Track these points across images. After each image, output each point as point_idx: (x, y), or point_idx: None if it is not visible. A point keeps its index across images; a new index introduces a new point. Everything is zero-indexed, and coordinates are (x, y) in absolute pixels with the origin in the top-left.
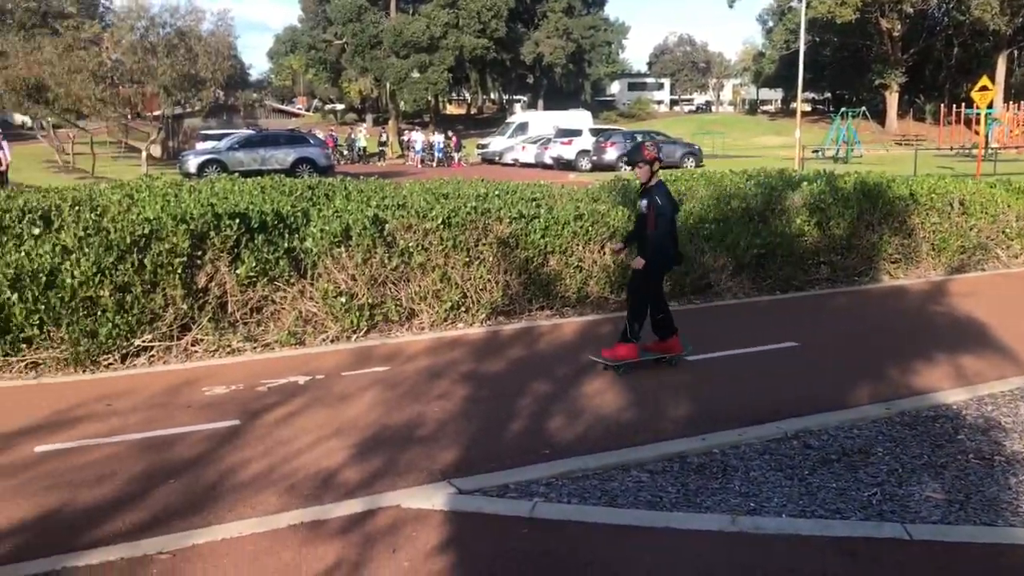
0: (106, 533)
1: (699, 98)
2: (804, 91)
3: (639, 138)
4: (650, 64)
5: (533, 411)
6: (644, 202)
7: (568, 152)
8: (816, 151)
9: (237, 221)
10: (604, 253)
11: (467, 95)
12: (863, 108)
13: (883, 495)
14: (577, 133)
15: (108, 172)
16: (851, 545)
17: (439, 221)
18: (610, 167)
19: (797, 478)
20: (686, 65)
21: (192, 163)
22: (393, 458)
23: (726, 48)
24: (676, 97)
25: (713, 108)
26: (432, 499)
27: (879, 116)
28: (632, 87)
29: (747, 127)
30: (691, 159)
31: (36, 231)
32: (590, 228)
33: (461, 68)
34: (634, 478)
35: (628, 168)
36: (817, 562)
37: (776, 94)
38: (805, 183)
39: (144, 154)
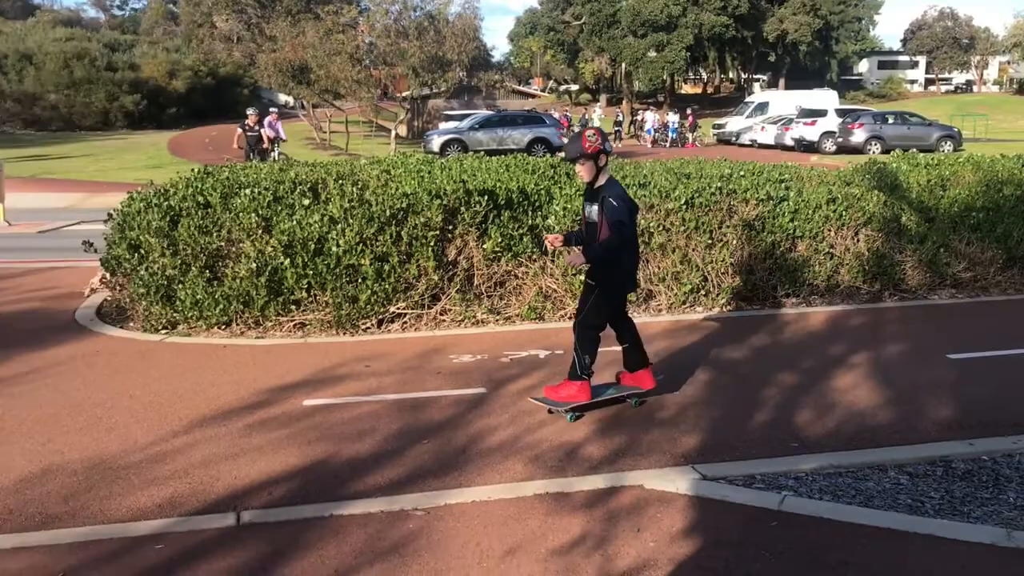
0: (367, 486)
1: (958, 77)
2: None
3: (890, 119)
4: (904, 41)
5: (778, 401)
6: (593, 208)
7: (811, 133)
8: None
9: (486, 198)
10: (858, 240)
11: (703, 74)
12: None
13: None
14: (822, 113)
15: (359, 149)
16: None
17: (682, 201)
18: (857, 149)
19: None
20: (946, 41)
21: (436, 142)
22: (635, 437)
23: (993, 22)
24: (932, 76)
25: (974, 88)
26: (676, 482)
27: None
28: (882, 65)
29: (1014, 108)
30: (949, 143)
31: (306, 202)
32: (843, 212)
33: (699, 46)
34: (892, 479)
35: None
36: None
37: None
38: None
39: (393, 133)
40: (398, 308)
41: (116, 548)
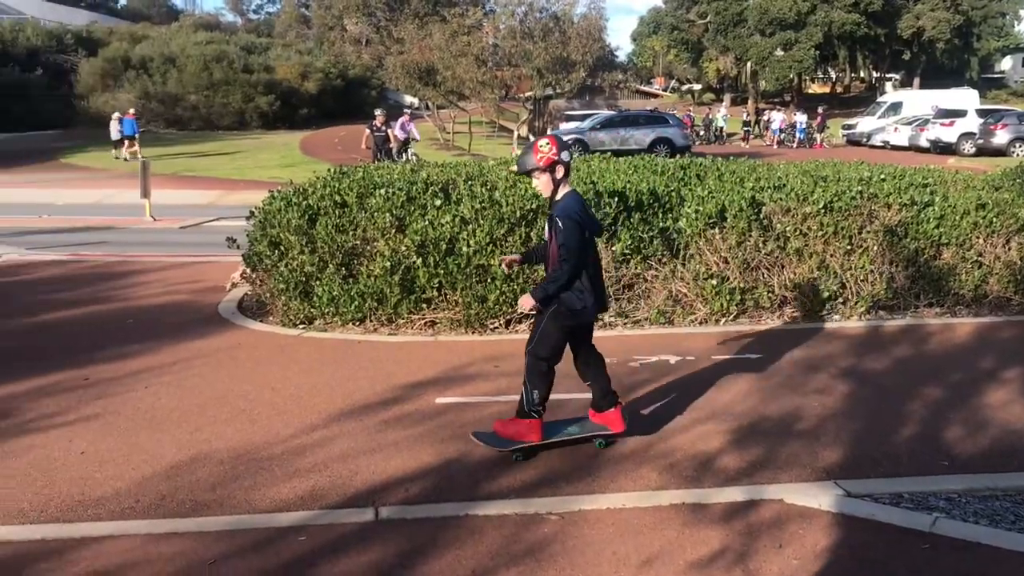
0: (501, 487)
1: None
2: None
3: None
4: None
5: (924, 416)
6: (548, 225)
7: (948, 134)
8: None
9: (616, 199)
10: (1009, 248)
11: (832, 73)
12: None
13: None
14: (961, 114)
15: (482, 150)
16: None
17: (820, 205)
18: (999, 152)
19: None
20: None
21: None
22: (772, 450)
23: None
24: None
25: None
26: (818, 498)
27: None
28: None
29: None
30: None
31: (438, 202)
32: (994, 219)
33: (829, 45)
34: None
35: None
36: None
37: None
38: None
39: (516, 134)
40: None
41: (261, 538)
